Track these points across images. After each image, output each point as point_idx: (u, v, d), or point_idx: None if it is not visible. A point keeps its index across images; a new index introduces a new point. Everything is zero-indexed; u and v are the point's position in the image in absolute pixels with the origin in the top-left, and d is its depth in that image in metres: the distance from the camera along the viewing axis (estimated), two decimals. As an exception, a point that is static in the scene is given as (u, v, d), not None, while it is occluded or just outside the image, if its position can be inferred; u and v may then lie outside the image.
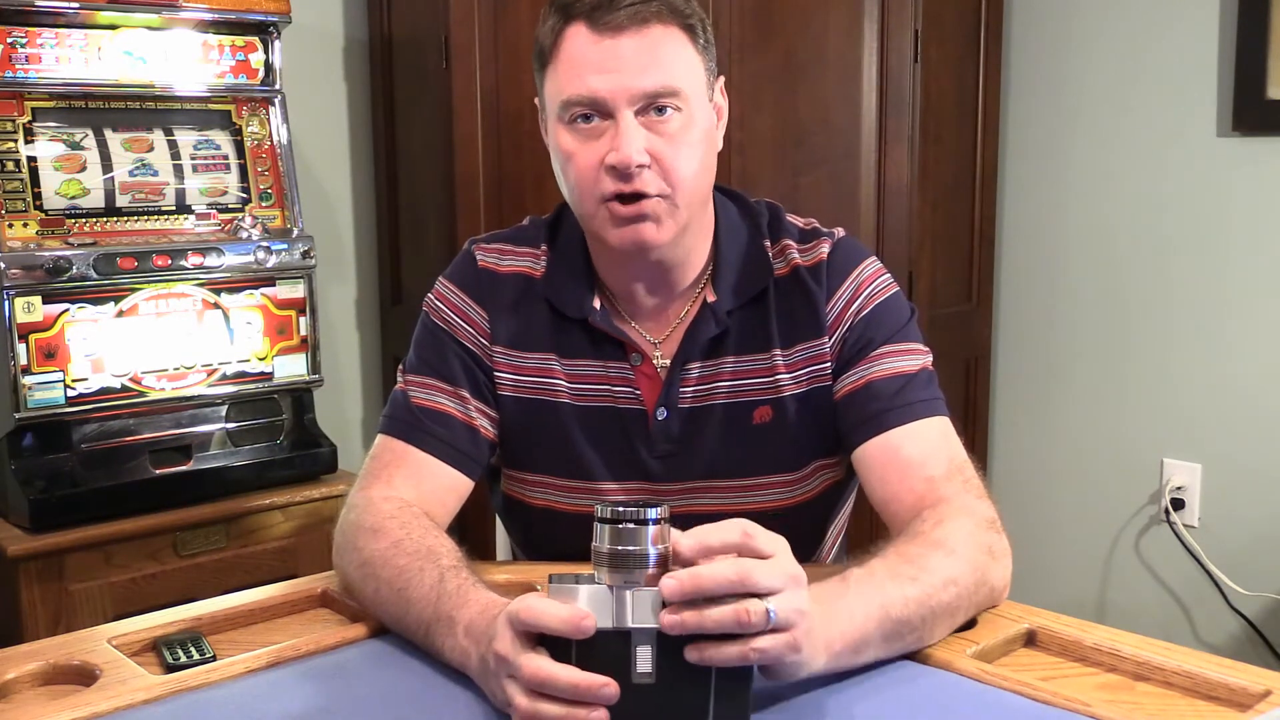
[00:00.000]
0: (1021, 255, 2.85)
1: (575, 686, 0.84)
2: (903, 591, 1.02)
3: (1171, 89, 2.56)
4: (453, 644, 1.01)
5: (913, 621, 1.02)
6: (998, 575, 1.13)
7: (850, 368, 1.29)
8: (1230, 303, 2.53)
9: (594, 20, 1.19)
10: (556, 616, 0.85)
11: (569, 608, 0.85)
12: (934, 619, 1.04)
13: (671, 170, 1.20)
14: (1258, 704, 0.95)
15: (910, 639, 1.03)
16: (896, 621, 1.01)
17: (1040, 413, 2.86)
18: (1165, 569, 2.67)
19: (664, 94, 1.19)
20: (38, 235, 2.09)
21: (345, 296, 2.91)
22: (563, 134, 1.22)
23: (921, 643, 1.05)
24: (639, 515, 0.86)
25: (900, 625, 1.01)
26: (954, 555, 1.08)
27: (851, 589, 1.00)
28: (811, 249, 1.32)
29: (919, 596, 1.03)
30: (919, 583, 1.04)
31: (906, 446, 1.23)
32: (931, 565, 1.06)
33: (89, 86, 2.19)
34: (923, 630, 1.03)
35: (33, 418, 2.06)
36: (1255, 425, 2.51)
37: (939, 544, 1.09)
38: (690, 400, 1.30)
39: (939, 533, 1.11)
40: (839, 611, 0.97)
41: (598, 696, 0.84)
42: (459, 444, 1.29)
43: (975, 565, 1.09)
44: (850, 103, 2.44)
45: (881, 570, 1.05)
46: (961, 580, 1.07)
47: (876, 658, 1.01)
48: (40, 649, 1.10)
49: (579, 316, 1.31)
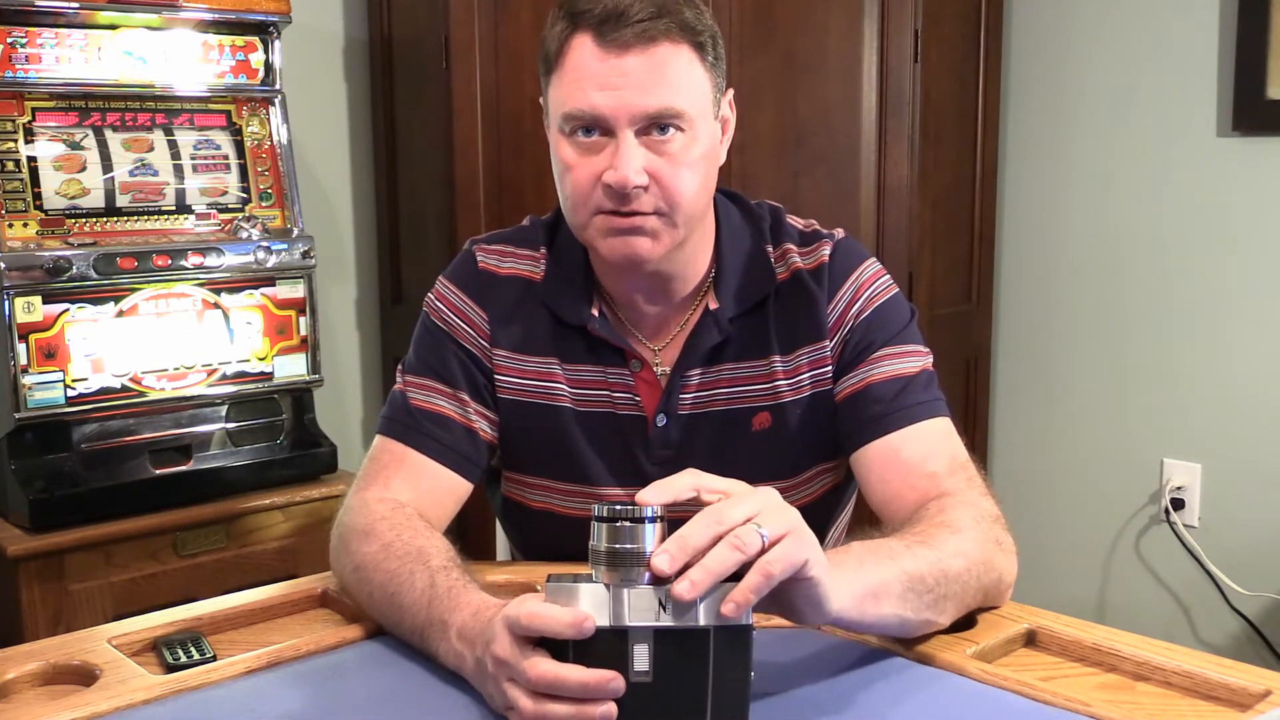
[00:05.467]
0: (1021, 255, 2.85)
1: (585, 685, 0.84)
2: (914, 554, 1.03)
3: (1171, 89, 2.56)
4: (447, 648, 1.01)
5: (927, 580, 1.02)
6: (1005, 567, 1.13)
7: (850, 370, 1.28)
8: (1230, 302, 2.53)
9: (602, 34, 1.17)
10: (559, 620, 0.84)
11: (569, 610, 0.84)
12: (947, 583, 1.04)
13: (670, 190, 1.19)
14: (1258, 704, 0.95)
15: (927, 599, 1.02)
16: (913, 577, 1.01)
17: (1040, 413, 2.86)
18: (1165, 569, 2.67)
19: (666, 115, 1.17)
20: (38, 235, 2.09)
21: (345, 296, 2.91)
22: (563, 145, 1.21)
23: (933, 616, 1.04)
24: (636, 514, 0.86)
25: (916, 581, 1.01)
26: (961, 534, 1.09)
27: (864, 552, 1.02)
28: (812, 251, 1.32)
29: (931, 558, 1.03)
30: (930, 548, 1.04)
31: (907, 448, 1.22)
32: (940, 540, 1.07)
33: (89, 86, 2.18)
34: (937, 592, 1.03)
35: (33, 418, 2.06)
36: (1255, 425, 2.51)
37: (946, 525, 1.10)
38: (690, 407, 1.30)
39: (944, 517, 1.11)
40: (851, 564, 0.98)
41: (605, 691, 0.84)
42: (457, 446, 1.29)
43: (983, 547, 1.10)
44: (850, 103, 2.44)
45: (891, 540, 1.05)
46: (971, 555, 1.07)
47: (897, 614, 1.00)
48: (40, 649, 1.10)
49: (578, 324, 1.30)
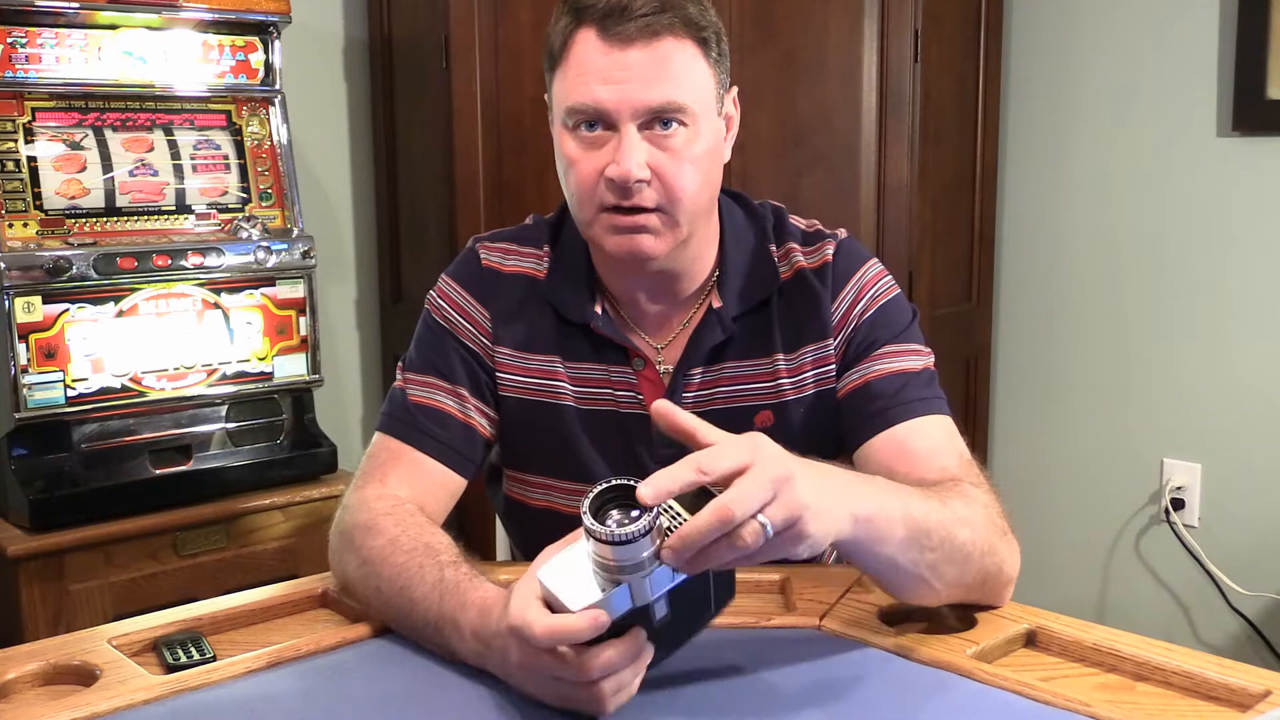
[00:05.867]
0: (1021, 255, 2.85)
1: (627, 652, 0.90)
2: (924, 503, 1.03)
3: (1171, 89, 2.56)
4: (466, 648, 1.02)
5: (933, 534, 1.02)
6: (1007, 556, 1.12)
7: (852, 367, 1.29)
8: (1230, 302, 2.53)
9: (605, 28, 1.17)
10: (579, 628, 0.88)
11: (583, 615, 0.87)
12: (950, 545, 1.04)
13: (672, 185, 1.19)
14: (1258, 704, 0.95)
15: (928, 555, 1.03)
16: (918, 523, 1.01)
17: (1040, 413, 2.86)
18: (1165, 569, 2.67)
19: (669, 109, 1.18)
20: (38, 235, 2.09)
21: (345, 296, 2.91)
22: (566, 139, 1.22)
23: (934, 573, 1.04)
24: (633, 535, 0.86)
25: (920, 530, 1.01)
26: (971, 506, 1.09)
27: (877, 481, 1.03)
28: (816, 251, 1.32)
29: (939, 513, 1.04)
30: (938, 506, 1.05)
31: (913, 440, 1.23)
32: (951, 502, 1.07)
33: (89, 86, 2.18)
34: (940, 552, 1.03)
35: (33, 418, 2.06)
36: (1255, 425, 2.51)
37: (958, 494, 1.10)
38: (692, 405, 1.30)
39: (956, 490, 1.12)
40: (862, 487, 0.99)
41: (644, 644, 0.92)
42: (455, 443, 1.29)
43: (990, 529, 1.10)
44: (850, 103, 2.44)
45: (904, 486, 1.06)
46: (977, 527, 1.07)
47: (895, 558, 1.01)
48: (40, 649, 1.10)
49: (581, 321, 1.31)
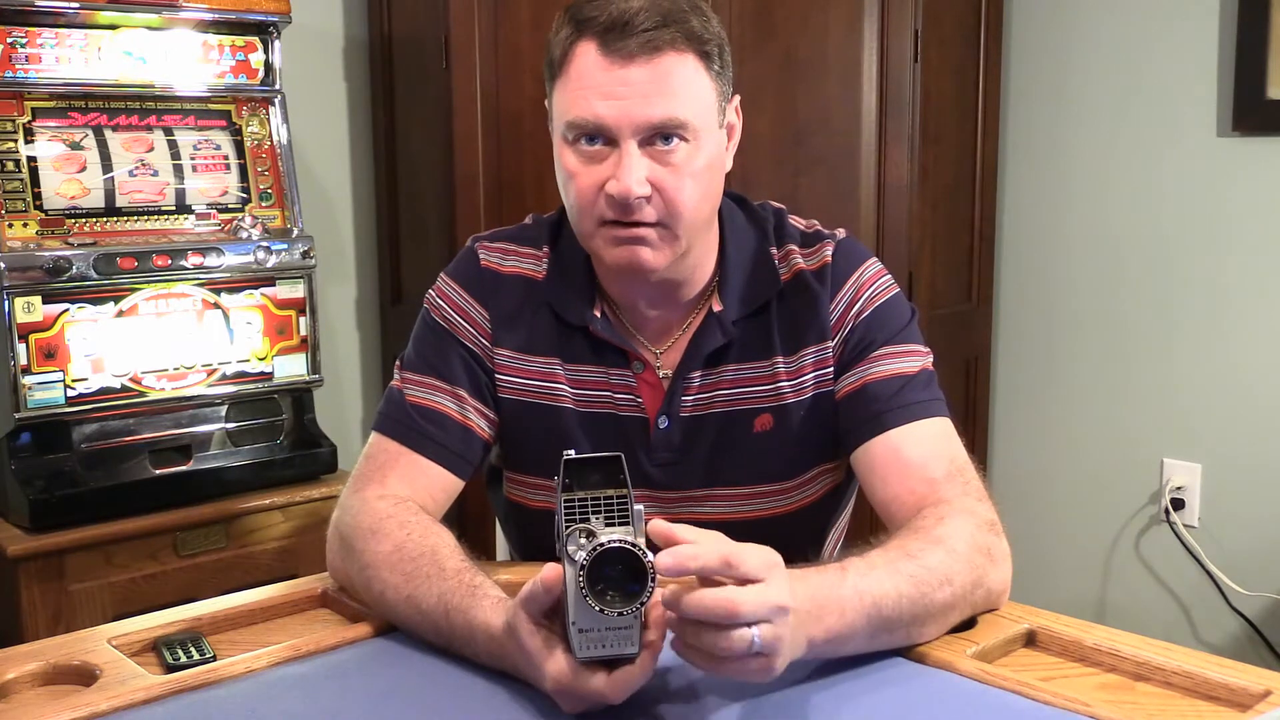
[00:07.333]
0: (1021, 255, 2.85)
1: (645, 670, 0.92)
2: (898, 588, 1.03)
3: (1171, 89, 2.56)
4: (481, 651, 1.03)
5: (903, 619, 1.04)
6: (995, 579, 1.13)
7: (849, 369, 1.29)
8: (1230, 303, 2.53)
9: (606, 43, 1.16)
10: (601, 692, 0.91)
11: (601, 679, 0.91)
12: (926, 618, 1.05)
13: (673, 200, 1.19)
14: (1258, 704, 0.95)
15: (898, 635, 1.05)
16: (886, 619, 1.02)
17: (1040, 413, 2.86)
18: (1165, 569, 2.67)
19: (670, 125, 1.17)
20: (38, 235, 2.09)
21: (345, 296, 2.91)
22: (566, 152, 1.21)
23: (909, 640, 1.06)
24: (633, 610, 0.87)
25: (889, 622, 1.03)
26: (953, 555, 1.09)
27: (849, 580, 1.01)
28: (815, 252, 1.32)
29: (913, 595, 1.04)
30: (915, 580, 1.05)
31: (906, 447, 1.23)
32: (930, 563, 1.07)
33: (89, 86, 2.18)
34: (911, 629, 1.05)
35: (33, 418, 2.06)
36: (1255, 425, 2.51)
37: (939, 541, 1.10)
38: (691, 409, 1.30)
39: (940, 530, 1.11)
40: (830, 605, 0.99)
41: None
42: (452, 445, 1.29)
43: (973, 566, 1.10)
44: (850, 103, 2.44)
45: (881, 563, 1.05)
46: (958, 580, 1.08)
47: (859, 651, 1.03)
48: (40, 649, 1.10)
49: (580, 324, 1.31)
